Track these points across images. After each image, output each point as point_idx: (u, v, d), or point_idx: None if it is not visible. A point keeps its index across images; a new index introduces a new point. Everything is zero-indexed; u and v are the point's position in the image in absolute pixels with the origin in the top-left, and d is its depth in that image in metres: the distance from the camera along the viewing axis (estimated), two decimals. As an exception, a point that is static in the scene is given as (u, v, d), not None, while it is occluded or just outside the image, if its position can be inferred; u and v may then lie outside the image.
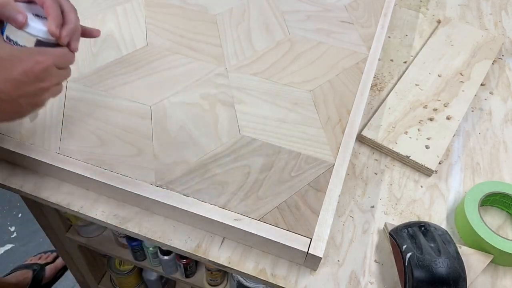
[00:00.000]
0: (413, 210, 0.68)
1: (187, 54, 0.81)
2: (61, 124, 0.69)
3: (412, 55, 0.92)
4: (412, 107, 0.80)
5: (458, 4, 1.06)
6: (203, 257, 0.60)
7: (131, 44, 0.83)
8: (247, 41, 0.85)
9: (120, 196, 0.63)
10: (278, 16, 0.91)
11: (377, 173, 0.72)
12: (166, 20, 0.88)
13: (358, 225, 0.66)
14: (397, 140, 0.75)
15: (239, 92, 0.76)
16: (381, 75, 0.88)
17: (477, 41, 0.94)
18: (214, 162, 0.66)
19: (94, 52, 0.80)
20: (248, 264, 0.60)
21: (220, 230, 0.61)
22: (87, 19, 0.86)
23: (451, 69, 0.88)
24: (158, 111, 0.72)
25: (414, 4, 1.05)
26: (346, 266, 0.61)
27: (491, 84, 0.89)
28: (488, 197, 0.67)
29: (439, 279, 0.55)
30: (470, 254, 0.61)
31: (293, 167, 0.66)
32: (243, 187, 0.63)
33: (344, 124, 0.72)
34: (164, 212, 0.63)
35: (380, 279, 0.60)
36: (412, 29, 0.98)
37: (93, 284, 1.18)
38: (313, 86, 0.78)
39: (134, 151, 0.66)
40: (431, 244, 0.59)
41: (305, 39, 0.86)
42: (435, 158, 0.73)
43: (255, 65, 0.81)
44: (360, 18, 0.92)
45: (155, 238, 0.62)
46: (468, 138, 0.79)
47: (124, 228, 0.62)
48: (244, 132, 0.70)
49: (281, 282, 0.59)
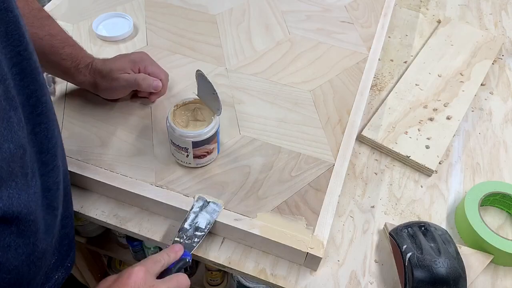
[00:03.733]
0: (413, 210, 0.68)
1: (187, 54, 0.81)
2: (61, 124, 0.69)
3: (412, 55, 0.92)
4: (412, 107, 0.80)
5: (458, 4, 1.06)
6: (203, 257, 0.60)
7: (131, 44, 0.83)
8: (247, 41, 0.85)
9: (120, 196, 0.63)
10: (278, 16, 0.91)
11: (377, 173, 0.72)
12: (166, 20, 0.88)
13: (358, 225, 0.66)
14: (397, 140, 0.75)
15: (239, 92, 0.76)
16: (381, 75, 0.88)
17: (477, 41, 0.94)
18: (214, 162, 0.66)
19: (94, 52, 0.80)
20: (248, 264, 0.60)
21: (220, 230, 0.61)
22: (87, 19, 0.86)
23: (451, 69, 0.88)
24: (158, 111, 0.72)
25: (414, 4, 1.05)
26: (346, 266, 0.61)
27: (491, 84, 0.89)
28: (488, 197, 0.67)
29: (439, 279, 0.55)
30: (470, 254, 0.61)
31: (293, 167, 0.66)
32: (243, 187, 0.63)
33: (344, 124, 0.72)
34: (164, 212, 0.63)
35: (380, 279, 0.60)
36: (412, 29, 0.98)
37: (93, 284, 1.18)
38: (313, 86, 0.78)
39: (134, 151, 0.66)
40: (431, 244, 0.59)
41: (305, 39, 0.86)
42: (435, 158, 0.73)
43: (255, 65, 0.81)
44: (360, 18, 0.92)
45: (155, 238, 0.62)
46: (468, 138, 0.79)
47: (124, 228, 0.62)
48: (244, 132, 0.70)
49: (281, 282, 0.59)
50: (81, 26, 0.85)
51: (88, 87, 0.69)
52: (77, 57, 0.66)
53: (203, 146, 0.61)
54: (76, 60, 0.66)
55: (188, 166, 0.64)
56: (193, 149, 0.60)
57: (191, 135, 0.59)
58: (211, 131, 0.60)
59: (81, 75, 0.67)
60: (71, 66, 0.65)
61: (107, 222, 0.63)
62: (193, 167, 0.64)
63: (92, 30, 0.83)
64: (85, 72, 0.66)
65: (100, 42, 0.82)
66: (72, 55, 0.65)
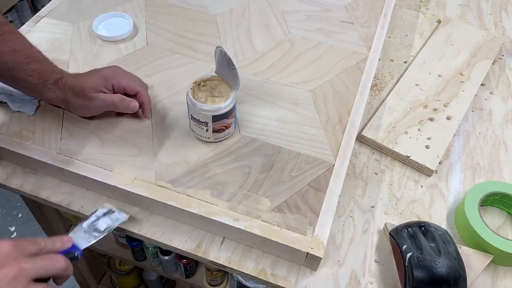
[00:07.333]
0: (413, 210, 0.68)
1: (187, 54, 0.81)
2: (61, 124, 0.69)
3: (412, 55, 0.92)
4: (412, 107, 0.80)
5: (458, 4, 1.06)
6: (203, 257, 0.60)
7: (131, 44, 0.83)
8: (247, 41, 0.85)
9: (120, 196, 0.63)
10: (278, 16, 0.91)
11: (377, 173, 0.72)
12: (166, 20, 0.88)
13: (358, 225, 0.66)
14: (397, 140, 0.75)
15: (239, 92, 0.75)
16: (381, 75, 0.88)
17: (477, 41, 0.94)
18: (214, 162, 0.66)
19: (94, 52, 0.80)
20: (248, 264, 0.60)
21: (220, 230, 0.61)
22: (87, 19, 0.86)
23: (451, 69, 0.88)
24: (158, 111, 0.72)
25: (414, 4, 1.05)
26: (346, 266, 0.61)
27: (491, 84, 0.89)
28: (488, 197, 0.67)
29: (439, 279, 0.55)
30: (470, 254, 0.61)
31: (293, 167, 0.66)
32: (243, 187, 0.63)
33: (344, 124, 0.72)
34: (164, 212, 0.63)
35: (380, 279, 0.60)
36: (412, 29, 0.98)
37: (93, 284, 1.18)
38: (313, 86, 0.78)
39: (134, 151, 0.66)
40: (431, 244, 0.59)
41: (305, 39, 0.86)
42: (435, 158, 0.73)
43: (255, 65, 0.81)
44: (360, 18, 0.92)
45: (155, 238, 0.62)
46: (468, 138, 0.79)
47: (124, 228, 0.62)
48: (244, 132, 0.70)
49: (281, 282, 0.59)
50: (81, 26, 0.85)
51: (58, 104, 0.67)
52: (45, 73, 0.63)
53: (222, 120, 0.64)
54: (44, 76, 0.63)
55: (207, 140, 0.67)
56: (213, 123, 0.64)
57: (211, 109, 0.63)
58: (230, 105, 0.64)
59: (50, 92, 0.64)
60: (38, 82, 0.63)
61: (107, 222, 0.63)
62: (211, 141, 0.67)
63: (92, 30, 0.83)
64: (54, 89, 0.64)
65: (100, 42, 0.82)
66: (39, 71, 0.62)
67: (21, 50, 0.62)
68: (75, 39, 0.82)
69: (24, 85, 0.64)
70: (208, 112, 0.63)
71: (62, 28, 0.84)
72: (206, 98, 0.65)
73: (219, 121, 0.64)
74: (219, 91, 0.66)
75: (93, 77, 0.66)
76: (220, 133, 0.66)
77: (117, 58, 0.79)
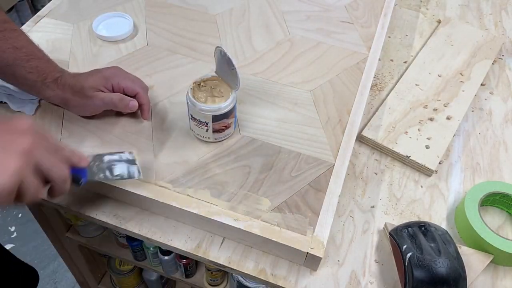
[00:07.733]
0: (413, 210, 0.68)
1: (187, 54, 0.81)
2: (61, 124, 0.69)
3: (412, 55, 0.92)
4: (412, 107, 0.80)
5: (458, 4, 1.06)
6: (203, 257, 0.60)
7: (131, 44, 0.83)
8: (247, 41, 0.85)
9: (120, 196, 0.63)
10: (278, 16, 0.91)
11: (377, 173, 0.72)
12: (166, 20, 0.88)
13: (358, 225, 0.66)
14: (397, 140, 0.75)
15: (239, 91, 0.75)
16: (381, 75, 0.88)
17: (477, 41, 0.94)
18: (214, 162, 0.66)
19: (94, 52, 0.80)
20: (248, 264, 0.60)
21: (220, 230, 0.61)
22: (87, 19, 0.86)
23: (451, 69, 0.88)
24: (158, 111, 0.72)
25: (414, 4, 1.05)
26: (346, 266, 0.61)
27: (491, 84, 0.89)
28: (488, 197, 0.67)
29: (439, 279, 0.55)
30: (470, 254, 0.61)
31: (293, 167, 0.66)
32: (243, 187, 0.63)
33: (344, 124, 0.72)
34: (164, 212, 0.63)
35: (380, 279, 0.60)
36: (412, 29, 0.98)
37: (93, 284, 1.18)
38: (313, 86, 0.78)
39: (134, 151, 0.66)
40: (431, 244, 0.59)
41: (305, 39, 0.86)
42: (435, 158, 0.73)
43: (255, 65, 0.81)
44: (360, 18, 0.92)
45: (155, 238, 0.62)
46: (468, 138, 0.79)
47: (124, 228, 0.62)
48: (244, 132, 0.70)
49: (281, 282, 0.59)
50: (81, 26, 0.85)
51: (58, 103, 0.67)
52: (44, 70, 0.63)
53: (222, 120, 0.64)
54: (43, 73, 0.63)
55: (207, 140, 0.67)
56: (213, 123, 0.64)
57: (211, 109, 0.63)
58: (229, 105, 0.64)
59: (49, 90, 0.64)
60: (38, 79, 0.63)
61: (107, 222, 0.63)
62: (211, 141, 0.67)
63: (92, 30, 0.83)
64: (53, 87, 0.64)
65: (100, 42, 0.82)
66: (39, 68, 0.63)
67: (22, 47, 0.62)
68: (75, 39, 0.82)
69: (24, 82, 0.64)
70: (208, 112, 0.63)
71: (62, 28, 0.84)
72: (206, 98, 0.65)
73: (219, 121, 0.64)
74: (219, 91, 0.66)
75: (93, 77, 0.66)
76: (220, 133, 0.66)
77: (117, 58, 0.79)
